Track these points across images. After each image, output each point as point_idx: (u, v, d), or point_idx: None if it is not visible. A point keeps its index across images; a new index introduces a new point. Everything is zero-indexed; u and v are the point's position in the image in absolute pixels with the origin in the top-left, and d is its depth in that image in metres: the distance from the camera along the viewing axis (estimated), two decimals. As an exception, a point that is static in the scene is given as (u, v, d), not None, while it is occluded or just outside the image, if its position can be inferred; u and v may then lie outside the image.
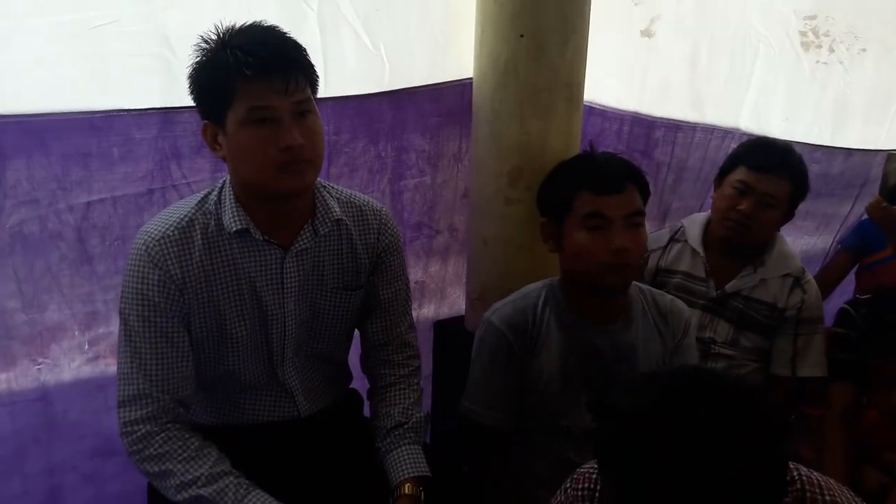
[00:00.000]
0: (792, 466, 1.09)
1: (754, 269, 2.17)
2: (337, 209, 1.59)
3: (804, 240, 3.10)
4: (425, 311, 2.38)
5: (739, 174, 2.11)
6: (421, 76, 2.09)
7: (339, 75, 1.95)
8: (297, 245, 1.55)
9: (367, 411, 1.76)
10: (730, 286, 2.18)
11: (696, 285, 2.22)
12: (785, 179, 2.08)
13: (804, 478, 1.07)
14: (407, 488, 1.54)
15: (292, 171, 1.42)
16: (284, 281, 1.55)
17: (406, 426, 1.63)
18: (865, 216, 2.76)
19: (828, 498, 1.04)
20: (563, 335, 1.73)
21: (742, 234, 2.12)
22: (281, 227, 1.53)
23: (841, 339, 2.09)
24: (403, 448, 1.60)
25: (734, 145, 2.49)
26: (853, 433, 2.00)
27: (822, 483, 1.07)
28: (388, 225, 1.68)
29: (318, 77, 1.47)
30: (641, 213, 1.65)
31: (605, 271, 1.62)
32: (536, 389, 1.73)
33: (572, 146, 2.01)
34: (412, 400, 1.68)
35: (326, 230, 1.57)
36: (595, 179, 1.64)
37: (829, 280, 3.02)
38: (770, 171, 2.07)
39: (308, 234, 1.56)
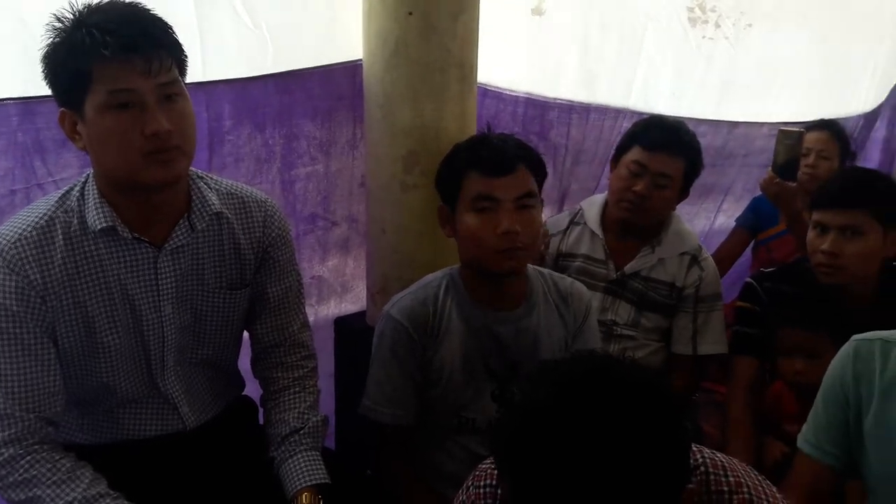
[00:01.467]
0: (695, 450, 1.07)
1: (652, 249, 2.17)
2: (216, 201, 1.47)
3: (686, 209, 3.15)
4: (325, 309, 2.27)
5: (634, 154, 2.10)
6: (308, 57, 1.97)
7: (217, 57, 1.81)
8: (171, 242, 1.42)
9: (262, 420, 1.65)
10: (629, 267, 2.17)
11: (596, 268, 2.21)
12: (679, 157, 2.08)
13: (707, 461, 1.05)
14: (304, 498, 1.44)
15: (160, 161, 1.30)
16: (159, 282, 1.43)
17: (302, 432, 1.54)
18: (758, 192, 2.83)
19: (732, 479, 1.02)
20: (465, 325, 1.67)
21: (639, 215, 2.11)
22: (152, 223, 1.41)
23: (745, 312, 2.11)
24: (300, 455, 1.51)
25: (627, 125, 2.49)
26: (757, 406, 2.03)
27: (726, 465, 1.05)
28: (275, 217, 1.57)
29: (186, 57, 1.36)
30: (532, 195, 1.60)
31: (494, 255, 1.57)
32: (439, 383, 1.67)
33: (468, 128, 1.95)
34: (308, 403, 1.59)
35: (204, 225, 1.46)
36: (483, 161, 1.59)
37: (725, 257, 3.08)
38: (663, 150, 2.07)
39: (184, 230, 1.43)
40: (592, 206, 2.27)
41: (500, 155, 1.58)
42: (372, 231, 2.05)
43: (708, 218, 3.35)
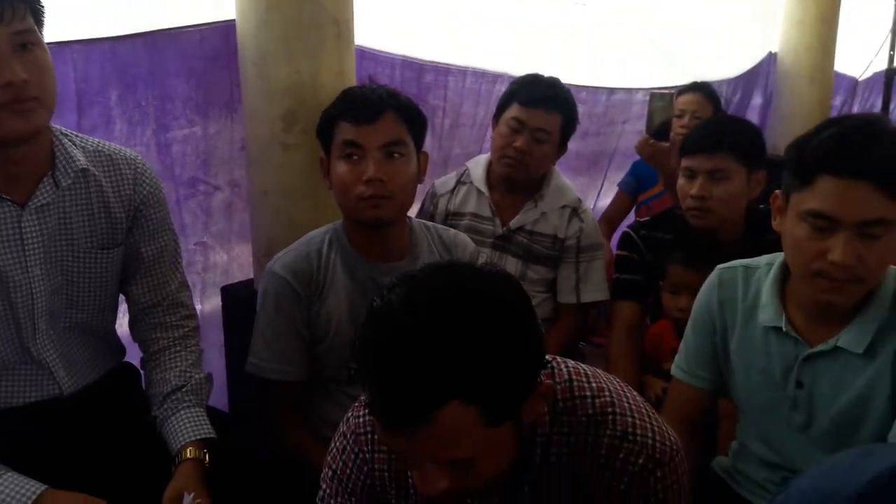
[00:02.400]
0: (560, 361, 1.11)
1: (535, 204, 2.23)
2: (81, 158, 1.42)
3: (578, 180, 3.26)
4: (212, 276, 2.23)
5: (513, 111, 2.15)
6: (179, 17, 1.92)
7: (84, 14, 1.75)
8: (35, 200, 1.37)
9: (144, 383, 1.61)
10: (514, 222, 2.23)
11: (483, 225, 2.25)
12: (555, 113, 2.15)
13: (571, 369, 1.09)
14: (189, 452, 1.42)
15: (16, 112, 1.25)
16: (25, 242, 1.37)
17: (185, 389, 1.51)
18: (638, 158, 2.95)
19: (594, 384, 1.07)
20: (350, 278, 1.67)
21: (520, 170, 2.17)
22: (13, 180, 1.35)
23: (624, 260, 2.20)
24: (183, 412, 1.48)
25: (504, 89, 2.55)
26: (637, 346, 2.12)
27: (589, 372, 1.10)
28: (146, 175, 1.53)
29: (42, 7, 1.30)
30: (401, 144, 1.61)
31: (359, 203, 1.59)
32: (327, 337, 1.67)
33: (348, 86, 1.94)
34: (190, 361, 1.56)
35: (69, 182, 1.41)
36: (351, 108, 1.60)
37: (611, 219, 3.21)
38: (541, 106, 2.12)
39: (48, 188, 1.38)
40: (478, 166, 2.31)
41: (367, 102, 1.59)
42: (254, 193, 2.02)
43: (595, 185, 3.46)
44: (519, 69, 2.49)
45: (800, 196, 1.32)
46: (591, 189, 3.40)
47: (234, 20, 1.93)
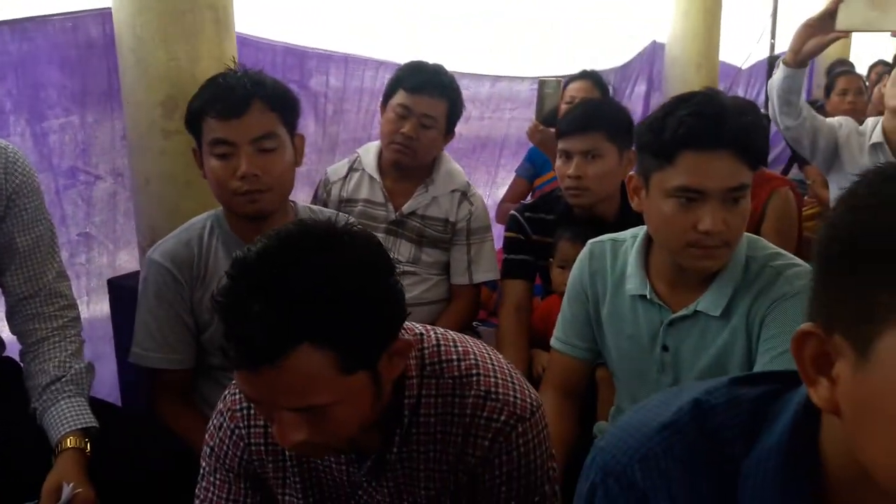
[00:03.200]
0: (429, 328, 1.16)
1: (426, 189, 2.27)
2: None
3: (463, 162, 3.31)
4: (98, 267, 2.18)
5: (399, 98, 2.19)
6: (53, 4, 1.88)
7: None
8: None
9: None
10: (406, 207, 2.26)
11: (376, 210, 2.28)
12: (441, 99, 2.19)
13: (440, 335, 1.14)
14: (69, 441, 1.40)
15: None
16: None
17: (64, 379, 1.49)
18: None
19: (461, 348, 1.12)
20: (233, 263, 1.67)
21: (408, 156, 2.20)
22: None
23: (512, 241, 2.27)
24: (63, 402, 1.46)
25: (389, 76, 2.59)
26: (525, 322, 2.19)
27: (457, 338, 1.15)
28: (18, 164, 1.49)
29: None
30: (273, 136, 1.58)
31: (236, 199, 1.58)
32: (211, 324, 1.67)
33: (229, 72, 1.94)
34: (70, 351, 1.54)
35: None
36: (216, 103, 1.56)
37: (511, 205, 3.29)
38: (426, 92, 2.17)
39: None
40: (369, 152, 2.34)
41: (232, 95, 1.55)
42: (136, 182, 1.99)
43: (489, 172, 3.54)
44: (405, 56, 2.53)
45: (662, 175, 1.39)
46: (480, 174, 3.47)
47: (109, 7, 1.90)
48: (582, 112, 2.12)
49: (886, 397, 0.60)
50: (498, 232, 2.55)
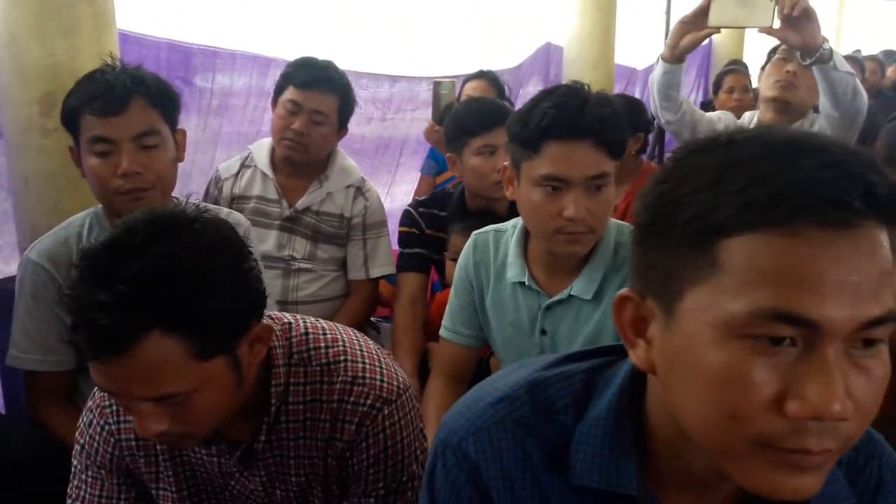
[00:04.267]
0: (298, 317, 1.17)
1: (320, 185, 2.28)
2: None
3: (365, 163, 3.34)
4: (-24, 273, 2.11)
5: (289, 94, 2.19)
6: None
7: None
8: None
9: None
10: (300, 203, 2.27)
11: (270, 207, 2.28)
12: (332, 94, 2.21)
13: (309, 324, 1.16)
14: None
15: None
16: None
17: None
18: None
19: (329, 336, 1.14)
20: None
21: (300, 152, 2.21)
22: None
23: (407, 236, 2.30)
24: None
25: (280, 73, 2.59)
26: (420, 314, 2.22)
27: (326, 326, 1.17)
28: None
29: None
30: (154, 133, 1.56)
31: (118, 198, 1.55)
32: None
33: (111, 69, 1.91)
34: None
35: None
36: (95, 99, 1.53)
37: (418, 200, 3.33)
38: (316, 88, 2.18)
39: None
40: (261, 149, 2.33)
41: (111, 92, 1.53)
42: (15, 181, 1.94)
43: (390, 172, 3.57)
44: (294, 54, 2.54)
45: (530, 164, 1.45)
46: (381, 174, 3.50)
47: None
48: (480, 109, 2.16)
49: (688, 352, 0.66)
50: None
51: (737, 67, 4.59)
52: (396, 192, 3.44)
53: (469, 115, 2.23)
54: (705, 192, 0.64)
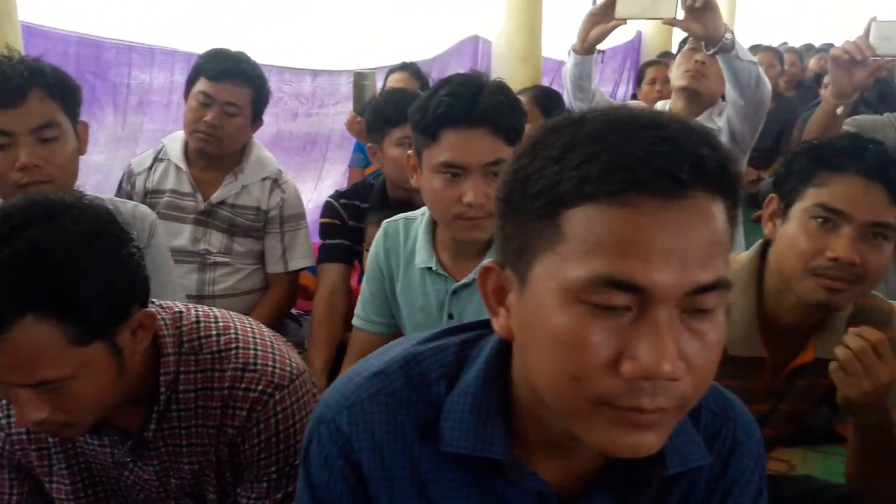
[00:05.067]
0: (191, 306, 1.17)
1: (235, 177, 2.26)
2: None
3: (295, 159, 3.34)
4: None
5: (200, 86, 2.16)
6: None
7: None
8: None
9: None
10: (215, 196, 2.24)
11: (184, 201, 2.25)
12: (245, 86, 2.19)
13: (200, 311, 1.15)
14: None
15: None
16: None
17: None
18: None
19: (221, 324, 1.14)
20: None
21: (213, 144, 2.18)
22: None
23: (328, 227, 2.30)
24: None
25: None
26: (340, 305, 2.22)
27: (219, 314, 1.17)
28: None
29: None
30: (54, 125, 1.53)
31: (18, 192, 1.51)
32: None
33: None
34: None
35: None
36: None
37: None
38: (228, 79, 2.15)
39: None
40: (174, 142, 2.30)
41: (8, 84, 1.49)
42: None
43: (317, 168, 3.55)
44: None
45: (430, 152, 1.47)
46: (310, 170, 3.49)
47: None
48: (398, 104, 2.17)
49: (537, 318, 0.69)
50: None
51: (658, 59, 4.70)
52: (324, 187, 3.43)
53: (390, 107, 2.24)
54: (552, 167, 0.68)
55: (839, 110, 2.19)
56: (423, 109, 1.45)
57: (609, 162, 0.64)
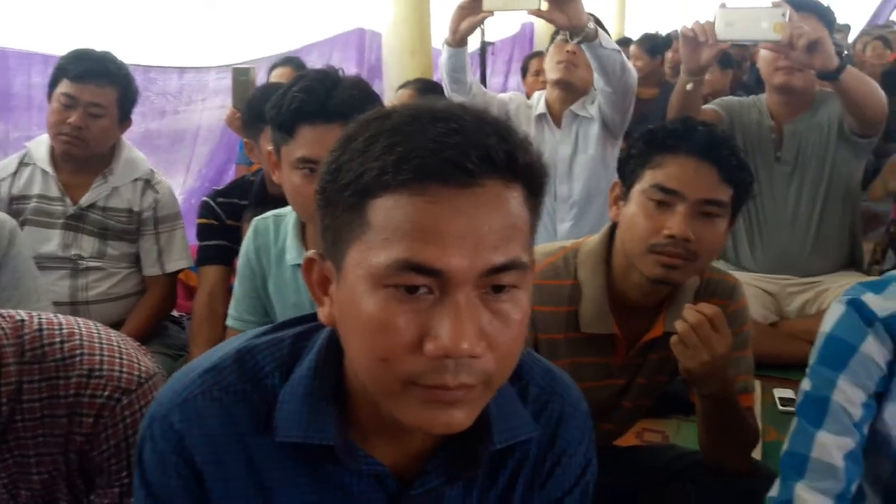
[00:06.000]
0: (33, 314, 1.13)
1: (105, 179, 2.20)
2: None
3: (164, 157, 3.26)
4: None
5: (62, 87, 2.09)
6: None
7: None
8: None
9: None
10: (84, 200, 2.18)
11: (52, 206, 2.18)
12: (108, 86, 2.13)
13: (43, 319, 1.12)
14: None
15: None
16: None
17: None
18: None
19: (66, 331, 1.11)
20: None
21: (79, 147, 2.12)
22: None
23: (206, 227, 2.26)
24: None
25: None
26: (220, 307, 2.18)
27: (64, 321, 1.14)
28: None
29: None
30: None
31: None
32: None
33: None
34: None
35: None
36: None
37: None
38: (91, 80, 2.09)
39: None
40: (40, 146, 2.22)
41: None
42: None
43: (186, 165, 3.49)
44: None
45: (287, 148, 1.48)
46: (179, 167, 3.42)
47: None
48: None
49: (350, 305, 0.72)
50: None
51: (542, 51, 4.80)
52: (192, 184, 3.36)
53: (265, 102, 2.21)
54: (357, 159, 0.71)
55: (689, 87, 2.32)
56: (278, 106, 1.45)
57: (403, 153, 0.68)
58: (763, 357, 1.86)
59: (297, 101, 1.41)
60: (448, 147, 0.68)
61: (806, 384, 1.20)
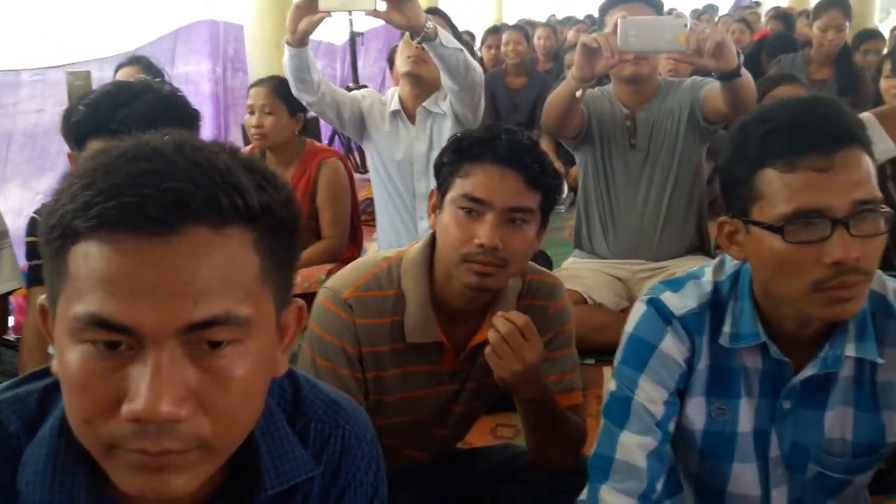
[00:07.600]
0: None
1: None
2: None
3: None
4: None
5: None
6: None
7: None
8: None
9: None
10: None
11: None
12: None
13: None
14: None
15: None
16: None
17: None
18: None
19: None
20: None
21: None
22: None
23: (35, 246, 2.12)
24: None
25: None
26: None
27: None
28: None
29: None
30: None
31: None
32: None
33: None
34: None
35: None
36: None
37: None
38: None
39: None
40: None
41: None
42: None
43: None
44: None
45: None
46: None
47: None
48: None
49: (59, 360, 0.67)
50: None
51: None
52: (10, 194, 3.17)
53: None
54: (63, 200, 0.64)
55: (578, 93, 2.34)
56: (66, 118, 1.40)
57: (90, 197, 0.62)
58: (616, 344, 1.90)
59: (80, 115, 1.35)
60: (136, 191, 0.61)
61: (612, 384, 1.22)
